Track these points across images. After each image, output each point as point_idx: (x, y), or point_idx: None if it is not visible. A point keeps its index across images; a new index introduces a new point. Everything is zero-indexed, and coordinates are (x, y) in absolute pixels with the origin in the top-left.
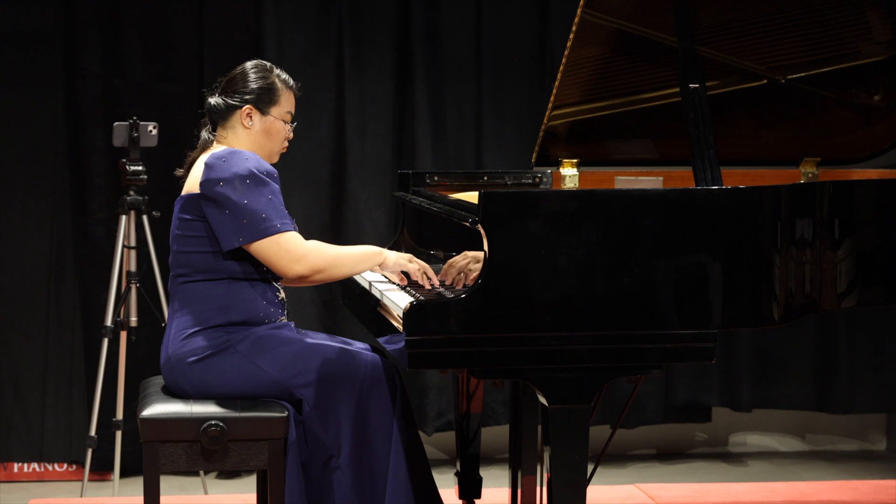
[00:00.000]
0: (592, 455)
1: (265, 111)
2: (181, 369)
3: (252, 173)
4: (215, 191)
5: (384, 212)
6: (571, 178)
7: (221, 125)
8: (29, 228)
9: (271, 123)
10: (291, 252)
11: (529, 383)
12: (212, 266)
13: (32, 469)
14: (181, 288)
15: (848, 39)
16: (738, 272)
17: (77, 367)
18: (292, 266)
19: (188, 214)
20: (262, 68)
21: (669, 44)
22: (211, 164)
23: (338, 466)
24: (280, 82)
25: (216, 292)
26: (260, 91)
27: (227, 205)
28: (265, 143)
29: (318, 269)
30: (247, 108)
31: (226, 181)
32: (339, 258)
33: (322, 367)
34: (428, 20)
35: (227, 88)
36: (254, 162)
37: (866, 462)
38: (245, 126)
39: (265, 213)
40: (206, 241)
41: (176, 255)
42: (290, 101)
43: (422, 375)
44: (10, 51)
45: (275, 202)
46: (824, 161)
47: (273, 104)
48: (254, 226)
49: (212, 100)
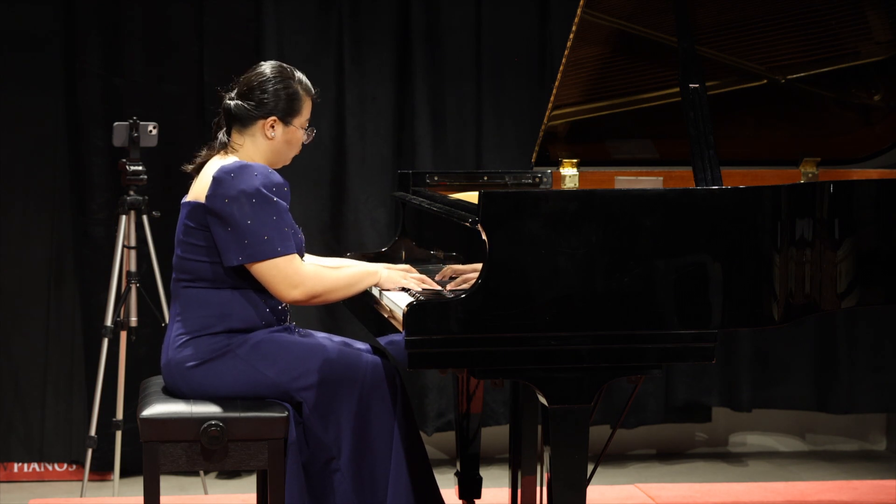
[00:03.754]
0: (592, 455)
1: (288, 122)
2: (180, 373)
3: (259, 192)
4: (220, 207)
5: (384, 212)
6: (571, 178)
7: (238, 130)
8: (29, 228)
9: (293, 133)
10: (290, 277)
11: (529, 383)
12: (214, 275)
13: (32, 469)
14: (183, 292)
15: (848, 39)
16: (738, 272)
17: (77, 367)
18: (289, 291)
19: (193, 223)
20: (285, 75)
21: (669, 44)
22: (219, 178)
23: (338, 468)
24: (302, 90)
25: (218, 299)
26: (284, 102)
27: (230, 223)
28: (285, 151)
29: (315, 295)
30: (270, 119)
31: (231, 199)
32: (336, 282)
33: (322, 368)
34: (428, 20)
35: (249, 95)
36: (262, 178)
37: (866, 462)
38: (268, 137)
39: (268, 235)
40: (208, 251)
41: (180, 260)
42: (309, 107)
43: (422, 375)
44: (10, 51)
45: (279, 224)
46: (824, 161)
47: (296, 114)
48: (254, 247)
49: (231, 103)
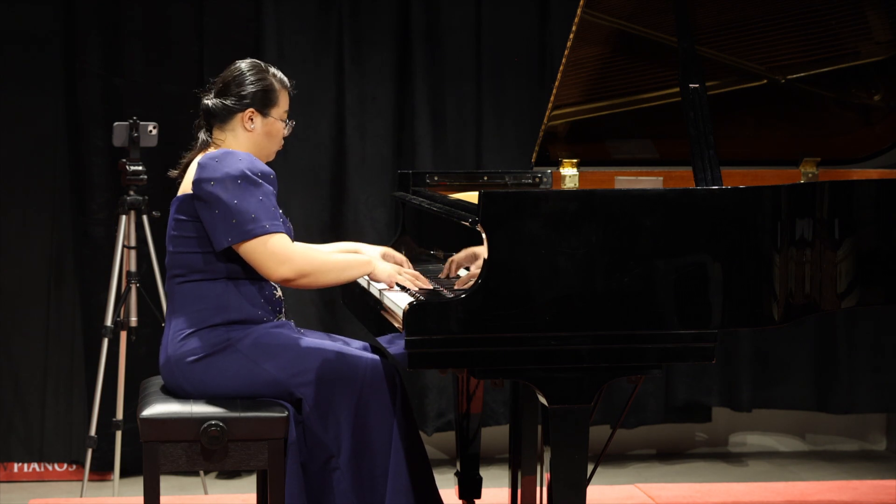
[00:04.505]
0: (592, 455)
1: (266, 113)
2: (181, 369)
3: (244, 174)
4: (206, 190)
5: (384, 212)
6: (571, 178)
7: (219, 127)
8: (29, 228)
9: (272, 125)
10: (277, 254)
11: (529, 383)
12: (208, 266)
13: (32, 469)
14: (178, 288)
15: (848, 39)
16: (738, 272)
17: (77, 367)
18: (277, 268)
19: (183, 215)
20: (259, 69)
21: (669, 44)
22: (204, 163)
23: (337, 467)
24: (277, 82)
25: (214, 291)
26: (260, 94)
27: (216, 204)
28: (266, 143)
29: (304, 273)
30: (248, 111)
31: (217, 181)
32: (326, 263)
33: (322, 367)
34: (428, 20)
35: (225, 91)
36: (247, 163)
37: (866, 462)
38: (247, 129)
39: (254, 213)
40: (200, 242)
41: (172, 256)
42: (286, 100)
43: (422, 375)
44: (10, 51)
45: (266, 203)
46: (824, 161)
47: (272, 105)
48: (241, 226)
49: (209, 102)
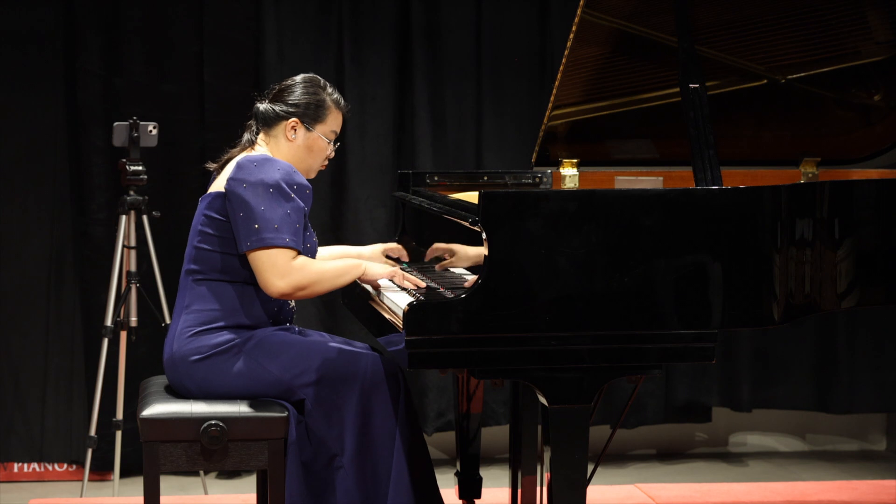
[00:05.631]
0: (592, 455)
1: (310, 127)
2: (185, 367)
3: (278, 184)
4: (237, 191)
5: (384, 212)
6: (571, 178)
7: (265, 132)
8: (29, 228)
9: (314, 140)
10: (279, 267)
11: (529, 383)
12: (229, 267)
13: (32, 469)
14: (193, 285)
15: (848, 39)
16: (738, 272)
17: (77, 367)
18: (276, 282)
19: (214, 213)
20: (315, 83)
21: (669, 44)
22: (242, 164)
23: (341, 465)
24: (330, 101)
25: (230, 294)
26: (307, 105)
27: (244, 207)
28: (305, 157)
29: (300, 287)
30: (293, 120)
31: (250, 184)
32: (321, 274)
33: (324, 366)
34: (428, 20)
35: (278, 97)
36: (284, 173)
37: (866, 462)
38: (288, 138)
39: (278, 224)
40: (223, 242)
41: (195, 250)
42: (337, 120)
43: (422, 375)
44: (10, 51)
45: (292, 218)
46: (824, 161)
47: (319, 121)
48: (262, 233)
49: (261, 105)
